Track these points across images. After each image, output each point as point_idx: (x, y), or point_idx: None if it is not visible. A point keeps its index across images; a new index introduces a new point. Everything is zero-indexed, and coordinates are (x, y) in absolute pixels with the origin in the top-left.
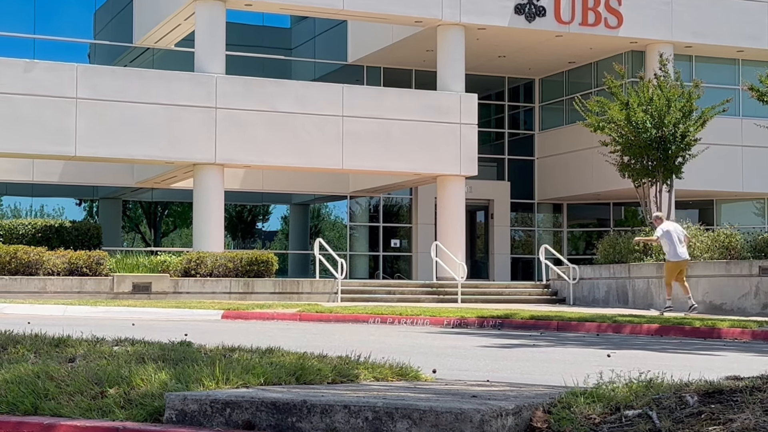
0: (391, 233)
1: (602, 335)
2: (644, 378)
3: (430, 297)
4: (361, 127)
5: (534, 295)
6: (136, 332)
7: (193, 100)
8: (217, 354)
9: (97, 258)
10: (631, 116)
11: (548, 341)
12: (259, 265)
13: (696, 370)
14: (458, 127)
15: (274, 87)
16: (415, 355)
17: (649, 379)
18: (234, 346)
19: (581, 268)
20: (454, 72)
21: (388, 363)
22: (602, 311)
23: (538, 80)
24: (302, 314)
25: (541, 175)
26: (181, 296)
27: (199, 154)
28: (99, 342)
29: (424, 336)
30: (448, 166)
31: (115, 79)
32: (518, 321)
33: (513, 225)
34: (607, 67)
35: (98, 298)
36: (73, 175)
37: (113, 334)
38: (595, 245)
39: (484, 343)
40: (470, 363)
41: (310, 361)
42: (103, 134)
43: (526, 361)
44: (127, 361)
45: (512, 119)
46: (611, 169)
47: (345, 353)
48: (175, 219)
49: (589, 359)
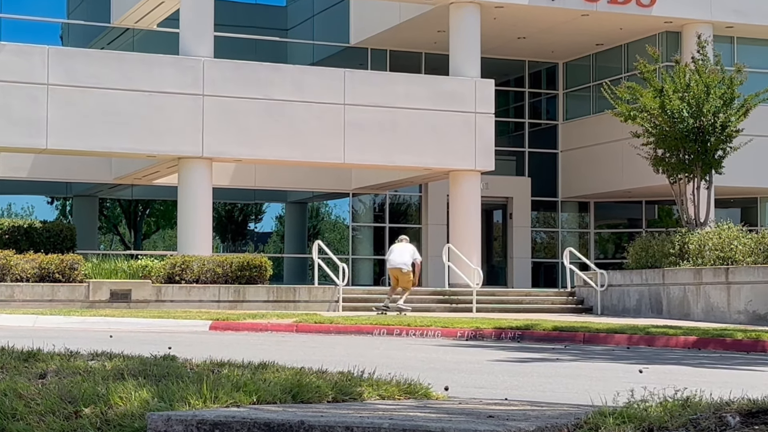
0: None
1: (633, 348)
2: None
3: (441, 306)
4: (365, 116)
5: (557, 303)
6: (114, 345)
7: (177, 86)
8: (205, 369)
9: (71, 262)
10: (666, 104)
11: (573, 355)
12: (252, 270)
13: (737, 387)
14: (473, 117)
15: (268, 72)
16: (424, 370)
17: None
18: (223, 360)
19: (610, 273)
20: (468, 55)
21: (395, 379)
22: (633, 322)
23: (561, 64)
24: (299, 325)
25: (566, 170)
26: (164, 305)
27: (185, 146)
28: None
29: (435, 349)
30: (461, 160)
31: (90, 63)
32: (540, 333)
33: (534, 226)
34: (639, 50)
35: (72, 307)
36: (43, 170)
37: (89, 347)
38: (625, 248)
39: (502, 357)
40: (486, 379)
41: (307, 377)
42: (78, 124)
43: (548, 377)
44: (104, 377)
45: (533, 108)
46: (644, 163)
47: (347, 368)
48: (158, 219)
49: (619, 375)
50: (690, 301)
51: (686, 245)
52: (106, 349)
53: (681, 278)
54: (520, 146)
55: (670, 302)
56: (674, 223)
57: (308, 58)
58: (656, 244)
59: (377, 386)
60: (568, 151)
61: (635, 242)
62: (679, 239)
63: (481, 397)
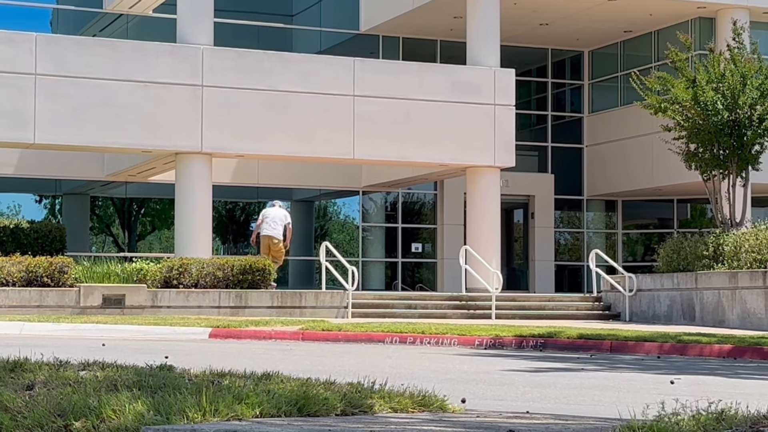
0: (412, 236)
1: (664, 358)
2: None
3: (458, 312)
4: (376, 108)
5: (582, 309)
6: (106, 354)
7: (175, 76)
8: (204, 380)
9: (61, 265)
10: (699, 96)
11: (599, 365)
12: (254, 273)
13: None
14: (492, 109)
15: (272, 61)
16: (440, 381)
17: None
18: (224, 370)
19: (639, 277)
20: (487, 43)
21: (408, 391)
22: (664, 329)
23: (587, 53)
24: (305, 332)
25: (592, 166)
26: (160, 311)
27: (183, 141)
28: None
29: (452, 359)
30: (479, 156)
31: (81, 51)
32: (564, 341)
33: (557, 226)
34: (670, 37)
35: (62, 313)
36: (31, 166)
37: (80, 356)
38: (655, 250)
39: (523, 366)
40: (506, 391)
41: (315, 388)
42: (68, 117)
43: (573, 388)
44: (96, 388)
45: (557, 99)
46: (675, 158)
47: (357, 379)
48: (154, 219)
49: (649, 386)
50: (725, 306)
51: (721, 247)
52: (98, 358)
53: (715, 282)
54: (542, 141)
55: (704, 308)
56: (708, 223)
57: (315, 47)
58: (689, 245)
59: (389, 398)
60: (594, 146)
61: (666, 244)
62: (714, 240)
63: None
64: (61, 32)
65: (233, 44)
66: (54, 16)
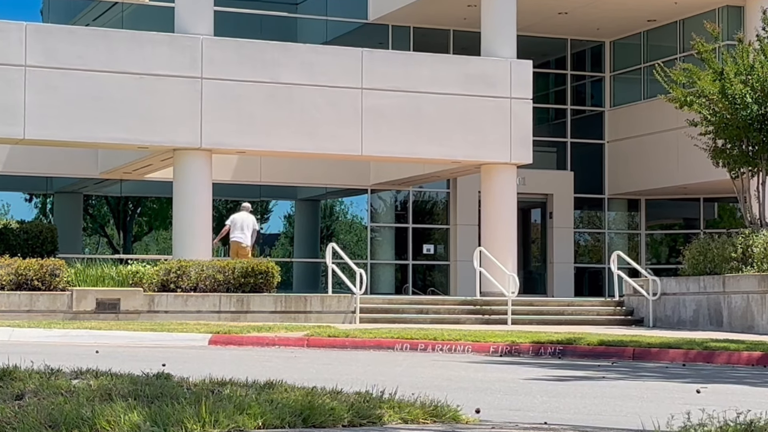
0: (423, 237)
1: (690, 365)
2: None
3: (472, 317)
4: (386, 102)
5: (603, 314)
6: (100, 362)
7: (172, 68)
8: (204, 389)
9: (52, 268)
10: (727, 88)
11: (621, 373)
12: (257, 276)
13: None
14: (508, 103)
15: (275, 52)
16: (453, 390)
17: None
18: (225, 379)
19: (663, 280)
20: (502, 32)
21: (420, 400)
22: (690, 335)
23: (608, 43)
24: (311, 339)
25: (613, 163)
26: (157, 316)
27: (181, 136)
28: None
29: (465, 366)
30: (494, 152)
31: (74, 41)
32: (584, 348)
33: (577, 226)
34: (696, 27)
35: (53, 319)
36: (20, 163)
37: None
38: (680, 252)
39: (541, 375)
40: (523, 400)
41: (320, 398)
42: (59, 111)
43: (593, 397)
44: (89, 398)
45: (576, 93)
46: (702, 155)
47: (365, 388)
48: (151, 219)
49: (674, 396)
50: (754, 311)
51: (750, 248)
52: (91, 366)
53: (744, 286)
54: (561, 136)
55: (732, 313)
56: (736, 223)
57: (321, 36)
58: (716, 247)
59: (399, 408)
60: (615, 142)
61: (692, 245)
62: (742, 242)
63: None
64: (52, 21)
65: (234, 34)
66: (44, 5)
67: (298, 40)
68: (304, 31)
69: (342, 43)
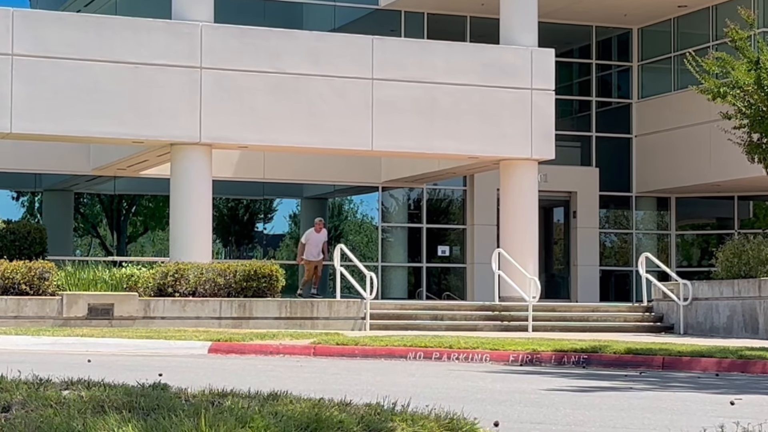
0: (438, 238)
1: (723, 375)
2: None
3: (490, 324)
4: (398, 93)
5: (631, 321)
6: (93, 371)
7: (170, 57)
8: (203, 400)
9: (41, 271)
10: (763, 79)
11: (650, 383)
12: (260, 280)
13: None
14: (528, 94)
15: (279, 40)
16: (470, 402)
17: None
18: (225, 389)
19: (695, 284)
20: (523, 19)
21: (434, 413)
22: (723, 343)
23: (636, 30)
24: (318, 347)
25: (641, 158)
26: (153, 322)
27: (179, 130)
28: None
29: (483, 376)
30: (514, 147)
31: (64, 28)
32: (610, 356)
33: (603, 226)
34: (729, 13)
35: (42, 325)
36: (7, 159)
37: (62, 373)
38: (713, 254)
39: (564, 385)
40: (545, 413)
41: (328, 410)
42: (48, 104)
43: (620, 410)
44: (80, 410)
45: (602, 83)
46: (736, 150)
47: (375, 399)
48: (146, 218)
49: (706, 408)
50: None
51: None
52: (83, 376)
53: None
54: (585, 130)
55: None
56: None
57: (328, 23)
58: (751, 248)
59: (412, 421)
60: (643, 136)
61: (725, 246)
62: None
63: None
64: (41, 7)
65: (236, 21)
66: None
67: (304, 27)
68: (310, 18)
69: (351, 31)
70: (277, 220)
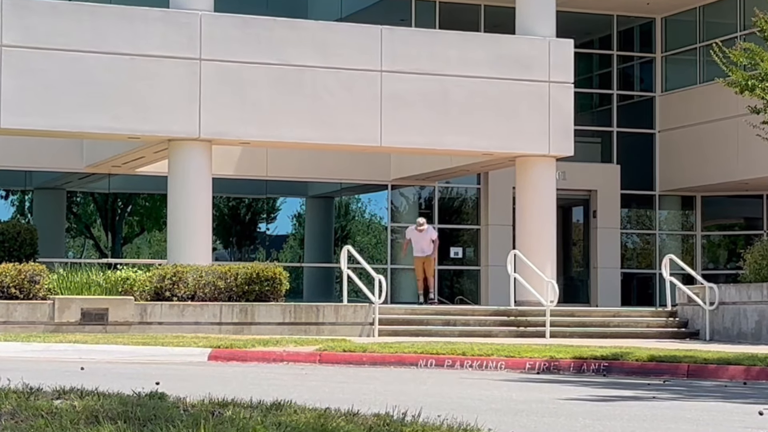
0: (451, 238)
1: (752, 384)
2: None
3: (505, 330)
4: (408, 86)
5: (654, 326)
6: (86, 379)
7: (167, 48)
8: (203, 410)
9: (31, 274)
10: None
11: (674, 393)
12: (262, 283)
13: None
14: (546, 87)
15: (283, 30)
16: (484, 411)
17: None
18: (226, 399)
19: (721, 288)
20: (540, 8)
21: (446, 423)
22: (752, 349)
23: (659, 20)
24: (324, 354)
25: (665, 155)
26: (150, 328)
27: (177, 125)
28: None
29: (498, 385)
30: (531, 143)
31: (55, 17)
32: (632, 364)
33: (624, 227)
34: (758, 1)
35: (33, 331)
36: None
37: (54, 382)
38: (741, 255)
39: (584, 394)
40: (563, 423)
41: (334, 420)
42: (39, 97)
43: (642, 420)
44: (73, 420)
45: (623, 76)
46: (765, 146)
47: (385, 409)
48: (142, 218)
49: (733, 418)
50: None
51: None
52: (76, 384)
53: None
54: (606, 125)
55: None
56: None
57: (335, 12)
58: None
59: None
60: (667, 132)
61: (754, 247)
62: None
63: None
64: None
65: (238, 10)
66: None
67: (310, 16)
68: (315, 6)
69: (359, 20)
70: (280, 220)
